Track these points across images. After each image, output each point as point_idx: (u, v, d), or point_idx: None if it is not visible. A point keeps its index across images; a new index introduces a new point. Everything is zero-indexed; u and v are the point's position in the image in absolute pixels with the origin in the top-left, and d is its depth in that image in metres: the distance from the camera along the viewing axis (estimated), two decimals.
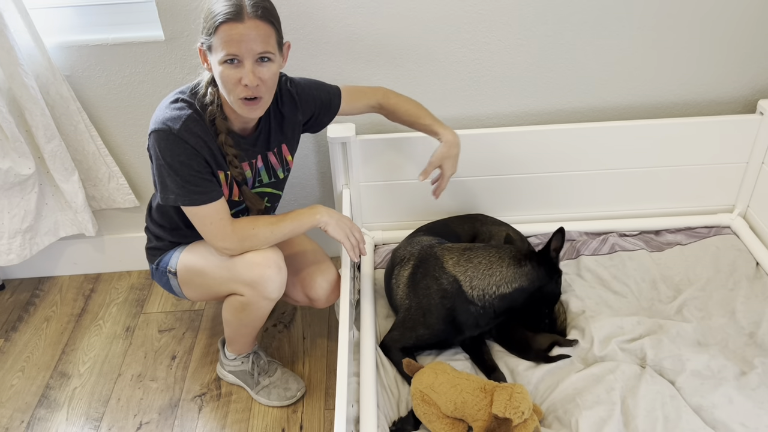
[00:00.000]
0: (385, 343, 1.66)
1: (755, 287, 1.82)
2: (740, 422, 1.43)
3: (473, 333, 1.64)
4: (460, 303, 1.59)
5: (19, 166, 1.88)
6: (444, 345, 1.68)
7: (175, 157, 1.40)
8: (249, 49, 1.34)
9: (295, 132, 1.65)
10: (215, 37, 1.34)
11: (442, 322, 1.60)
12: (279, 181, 1.66)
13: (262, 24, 1.34)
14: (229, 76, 1.36)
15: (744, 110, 2.02)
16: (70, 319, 2.14)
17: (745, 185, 2.05)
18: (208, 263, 1.57)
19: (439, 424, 1.43)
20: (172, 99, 1.45)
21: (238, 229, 1.49)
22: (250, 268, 1.50)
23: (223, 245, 1.50)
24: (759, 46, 1.90)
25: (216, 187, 1.48)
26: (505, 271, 1.59)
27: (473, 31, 1.83)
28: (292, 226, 1.52)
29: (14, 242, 1.99)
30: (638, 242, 2.02)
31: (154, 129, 1.41)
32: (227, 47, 1.33)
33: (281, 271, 1.54)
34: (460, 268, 1.62)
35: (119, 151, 2.05)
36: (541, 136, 1.94)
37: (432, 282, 1.63)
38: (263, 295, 1.53)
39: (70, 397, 1.86)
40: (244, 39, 1.32)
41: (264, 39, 1.35)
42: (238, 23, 1.32)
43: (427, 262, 1.67)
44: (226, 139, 1.47)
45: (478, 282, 1.58)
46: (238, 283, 1.53)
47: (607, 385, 1.50)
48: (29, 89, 1.77)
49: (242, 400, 1.83)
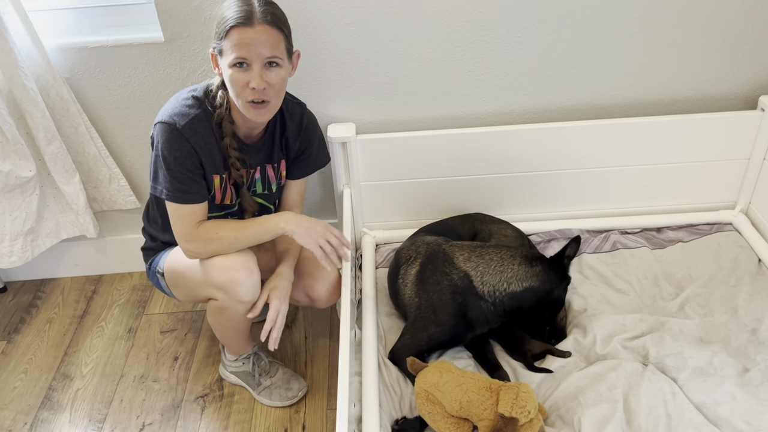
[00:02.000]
0: (394, 352, 1.64)
1: (757, 284, 1.81)
2: (743, 419, 1.42)
3: (483, 330, 1.64)
4: (471, 299, 1.59)
5: (19, 169, 1.88)
6: (455, 343, 1.67)
7: (172, 152, 1.43)
8: (258, 53, 1.36)
9: (290, 154, 1.66)
10: (225, 41, 1.37)
11: (453, 317, 1.60)
12: (272, 194, 1.68)
13: (271, 29, 1.37)
14: (238, 79, 1.39)
15: (745, 107, 2.02)
16: (72, 321, 2.14)
17: (746, 182, 2.05)
18: (187, 266, 1.58)
19: (444, 424, 1.43)
20: (185, 95, 1.48)
21: (203, 231, 1.50)
22: (220, 272, 1.51)
23: (188, 246, 1.52)
24: (760, 42, 1.90)
25: (202, 190, 1.49)
26: (517, 269, 1.59)
27: (473, 29, 1.83)
28: (256, 232, 1.51)
29: (16, 244, 2.00)
30: (640, 240, 2.01)
31: (160, 120, 1.45)
32: (236, 50, 1.36)
33: (252, 274, 1.53)
34: (471, 263, 1.62)
35: (120, 152, 2.05)
36: (542, 134, 1.94)
37: (442, 278, 1.63)
38: (235, 298, 1.53)
39: (72, 399, 1.87)
40: (253, 43, 1.35)
41: (273, 44, 1.38)
42: (248, 27, 1.35)
43: (436, 258, 1.67)
44: (231, 141, 1.50)
45: (489, 278, 1.59)
46: (212, 287, 1.54)
47: (610, 383, 1.50)
48: (29, 91, 1.77)
49: (245, 400, 1.83)
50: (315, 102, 1.94)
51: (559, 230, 2.05)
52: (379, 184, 2.02)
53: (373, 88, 1.93)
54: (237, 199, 1.61)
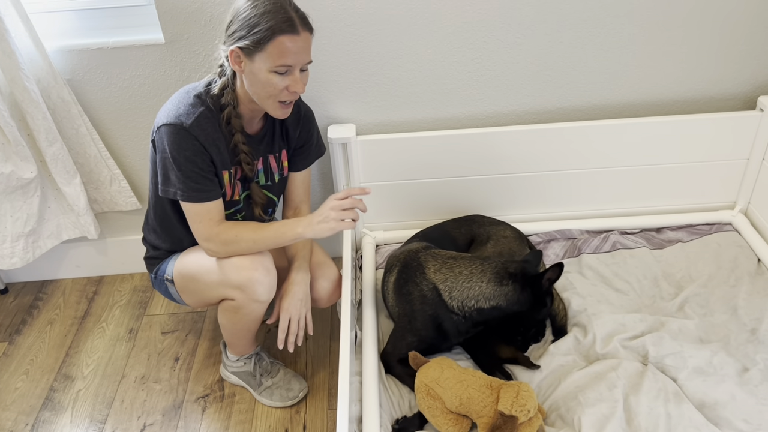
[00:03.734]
0: (383, 359, 1.65)
1: (757, 284, 1.81)
2: (743, 419, 1.43)
3: (458, 340, 1.64)
4: (441, 311, 1.58)
5: (21, 170, 1.89)
6: (433, 351, 1.65)
7: (181, 152, 1.43)
8: (300, 60, 1.41)
9: (291, 143, 1.68)
10: (270, 46, 1.37)
11: (426, 328, 1.60)
12: (274, 184, 1.69)
13: (309, 36, 1.43)
14: (278, 84, 1.42)
15: (744, 107, 2.02)
16: (73, 322, 2.14)
17: (746, 182, 2.05)
18: (201, 268, 1.59)
19: (443, 419, 1.44)
20: (186, 95, 1.48)
21: (223, 232, 1.51)
22: (238, 271, 1.52)
23: (207, 245, 1.53)
24: (759, 42, 1.90)
25: (215, 187, 1.50)
26: (485, 287, 1.55)
27: (472, 30, 1.84)
28: (274, 236, 1.52)
29: (17, 246, 2.00)
30: (639, 240, 2.02)
31: (165, 122, 1.44)
32: (284, 58, 1.38)
33: (269, 274, 1.55)
34: (440, 276, 1.61)
35: (120, 153, 2.05)
36: (541, 134, 1.94)
37: (413, 288, 1.63)
38: (252, 298, 1.55)
39: (74, 400, 1.87)
40: (300, 51, 1.40)
41: (309, 49, 1.43)
42: (296, 36, 1.38)
43: (410, 267, 1.67)
44: (240, 137, 1.51)
45: (457, 293, 1.57)
46: (228, 287, 1.54)
47: (610, 382, 1.50)
48: (30, 93, 1.78)
49: (245, 401, 1.83)
50: (315, 102, 1.94)
51: (559, 230, 2.06)
52: (380, 184, 2.02)
53: (373, 89, 1.93)
54: (242, 195, 1.62)
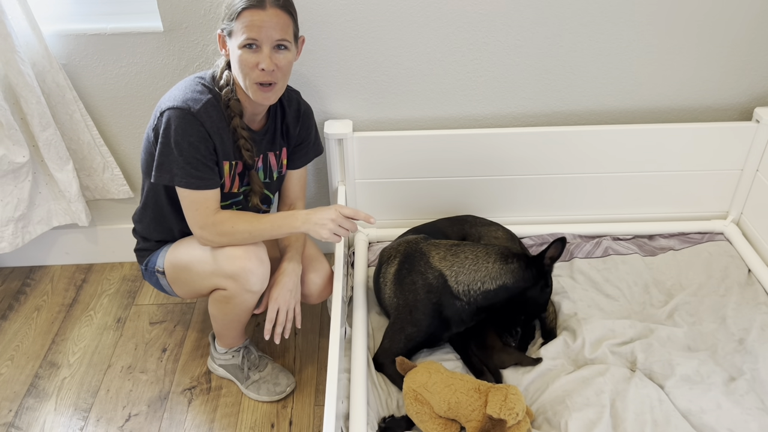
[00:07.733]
0: (377, 359, 1.63)
1: (746, 294, 1.82)
2: (728, 428, 1.43)
3: (459, 329, 1.64)
4: (446, 298, 1.59)
5: (13, 154, 1.87)
6: (433, 342, 1.67)
7: (186, 137, 1.43)
8: (268, 36, 1.40)
9: (291, 141, 1.68)
10: (236, 22, 1.40)
11: (429, 317, 1.60)
12: (272, 182, 1.69)
13: (282, 13, 1.41)
14: (247, 60, 1.41)
15: (740, 117, 2.03)
16: (60, 309, 2.13)
17: (739, 192, 2.06)
18: (192, 258, 1.58)
19: (432, 424, 1.43)
20: (193, 82, 1.49)
21: (219, 221, 1.51)
22: (231, 261, 1.52)
23: (201, 233, 1.53)
24: (756, 53, 1.91)
25: (215, 176, 1.50)
26: (491, 267, 1.59)
27: (472, 31, 1.83)
28: (270, 228, 1.52)
29: (6, 230, 1.98)
30: (631, 246, 2.02)
31: (171, 106, 1.44)
32: (248, 32, 1.39)
33: (263, 264, 1.55)
34: (446, 262, 1.62)
35: (114, 141, 2.04)
36: (537, 137, 1.94)
37: (418, 277, 1.63)
38: (245, 287, 1.54)
39: (59, 387, 1.86)
40: (264, 25, 1.39)
41: (283, 27, 1.41)
42: (260, 10, 1.38)
43: (413, 257, 1.67)
44: (240, 122, 1.51)
45: (463, 277, 1.59)
46: (221, 277, 1.54)
47: (597, 387, 1.50)
48: (25, 77, 1.76)
49: (232, 394, 1.83)
50: (313, 97, 1.94)
51: (551, 234, 2.06)
52: (374, 182, 2.02)
53: (371, 86, 1.93)
54: (242, 189, 1.62)
